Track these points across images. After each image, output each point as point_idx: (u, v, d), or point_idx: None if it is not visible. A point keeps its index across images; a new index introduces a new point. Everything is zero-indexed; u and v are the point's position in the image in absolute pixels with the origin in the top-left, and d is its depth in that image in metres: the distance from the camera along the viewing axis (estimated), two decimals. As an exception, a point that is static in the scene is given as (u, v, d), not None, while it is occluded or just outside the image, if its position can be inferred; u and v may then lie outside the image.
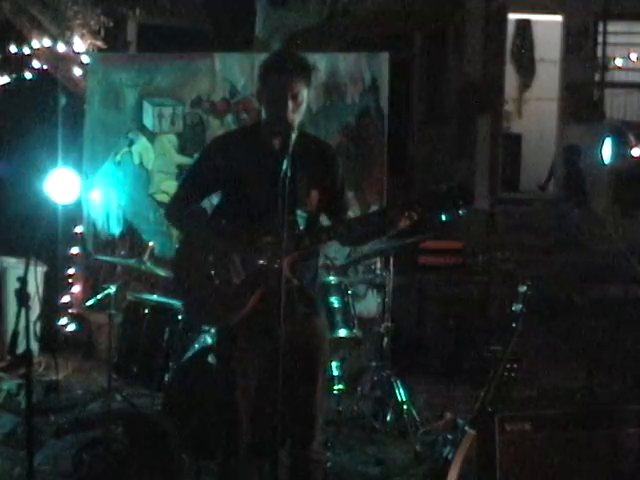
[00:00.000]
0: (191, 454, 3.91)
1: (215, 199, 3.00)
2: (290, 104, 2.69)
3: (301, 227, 2.77)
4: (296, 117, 2.73)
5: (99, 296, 4.81)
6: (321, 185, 2.82)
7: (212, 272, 2.75)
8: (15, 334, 2.55)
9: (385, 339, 4.57)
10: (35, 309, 5.27)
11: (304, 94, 2.74)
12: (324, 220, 2.95)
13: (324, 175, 2.84)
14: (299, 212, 2.76)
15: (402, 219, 2.63)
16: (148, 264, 4.69)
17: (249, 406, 2.84)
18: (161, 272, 4.81)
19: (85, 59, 6.30)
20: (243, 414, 2.83)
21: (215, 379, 2.93)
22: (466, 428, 3.05)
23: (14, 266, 5.79)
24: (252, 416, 2.84)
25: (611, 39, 9.99)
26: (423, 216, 2.62)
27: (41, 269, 5.76)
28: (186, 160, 6.15)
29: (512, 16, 10.18)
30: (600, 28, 9.88)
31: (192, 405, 3.92)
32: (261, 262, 2.70)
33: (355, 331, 4.48)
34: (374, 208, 5.56)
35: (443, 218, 2.60)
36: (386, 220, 2.65)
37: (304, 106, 2.77)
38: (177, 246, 2.99)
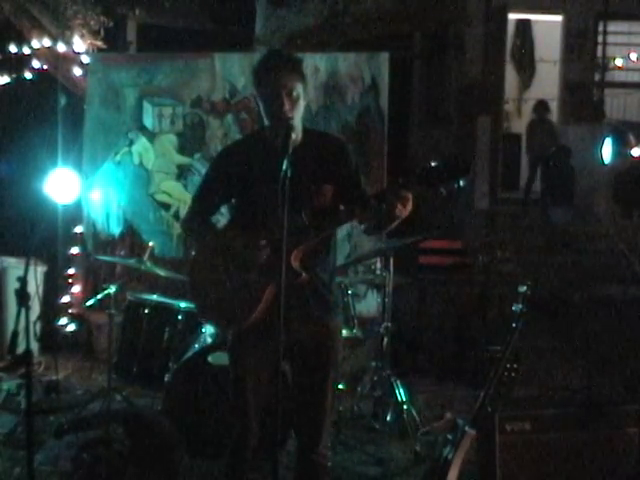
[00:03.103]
0: (191, 454, 3.91)
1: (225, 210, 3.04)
2: (286, 101, 2.70)
3: (307, 222, 2.76)
4: (295, 114, 2.73)
5: (99, 296, 4.82)
6: (335, 178, 2.81)
7: (227, 275, 2.76)
8: (15, 334, 2.55)
9: (385, 339, 4.57)
10: (35, 309, 5.27)
11: (299, 89, 2.74)
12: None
13: (336, 168, 2.84)
14: (305, 208, 2.75)
15: (402, 197, 2.61)
16: (148, 264, 4.70)
17: (259, 406, 2.84)
18: (161, 272, 4.81)
19: (85, 59, 6.30)
20: (253, 414, 2.83)
21: (218, 379, 2.93)
22: (466, 428, 3.05)
23: (14, 266, 5.79)
24: (262, 416, 2.85)
25: (611, 39, 9.99)
26: (423, 192, 2.62)
27: (41, 269, 5.76)
28: (186, 160, 6.16)
29: (512, 16, 10.17)
30: (600, 28, 9.88)
31: (192, 405, 3.92)
32: (268, 260, 2.70)
33: (355, 331, 4.48)
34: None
35: (443, 192, 2.60)
36: (388, 199, 2.63)
37: (302, 102, 2.77)
38: (192, 252, 3.02)
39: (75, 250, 6.23)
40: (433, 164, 2.59)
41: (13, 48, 6.33)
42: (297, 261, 2.68)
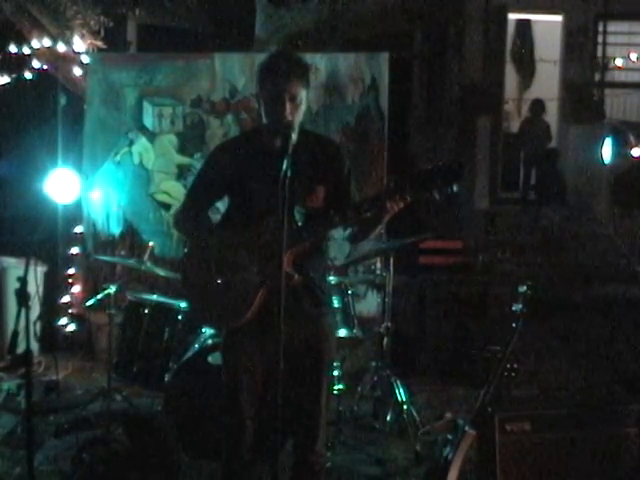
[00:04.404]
0: (191, 454, 3.91)
1: (222, 207, 3.02)
2: (288, 106, 2.69)
3: (300, 223, 2.77)
4: (295, 118, 2.73)
5: (99, 296, 4.81)
6: (326, 181, 2.82)
7: (218, 274, 2.76)
8: (15, 334, 2.55)
9: (385, 339, 4.57)
10: (35, 309, 5.27)
11: (302, 95, 2.74)
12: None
13: (328, 171, 2.84)
14: (298, 208, 2.76)
15: (396, 202, 2.63)
16: (148, 264, 4.70)
17: (254, 406, 2.84)
18: (161, 272, 4.81)
19: (85, 59, 6.30)
20: (247, 414, 2.83)
21: (218, 379, 2.93)
22: (466, 428, 3.05)
23: (14, 266, 5.80)
24: (256, 416, 2.85)
25: (611, 39, 9.99)
26: (416, 197, 2.63)
27: (41, 269, 5.77)
28: (186, 160, 6.16)
29: (512, 16, 10.17)
30: (600, 28, 9.88)
31: (192, 405, 3.92)
32: (263, 261, 2.71)
33: (355, 331, 4.48)
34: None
35: (436, 196, 2.61)
36: (381, 205, 2.64)
37: (304, 107, 2.77)
38: (185, 250, 3.01)
39: (75, 250, 6.23)
40: (426, 169, 2.60)
41: (13, 48, 6.34)
42: (290, 263, 2.67)
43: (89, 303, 5.27)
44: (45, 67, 6.44)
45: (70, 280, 6.24)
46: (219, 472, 2.98)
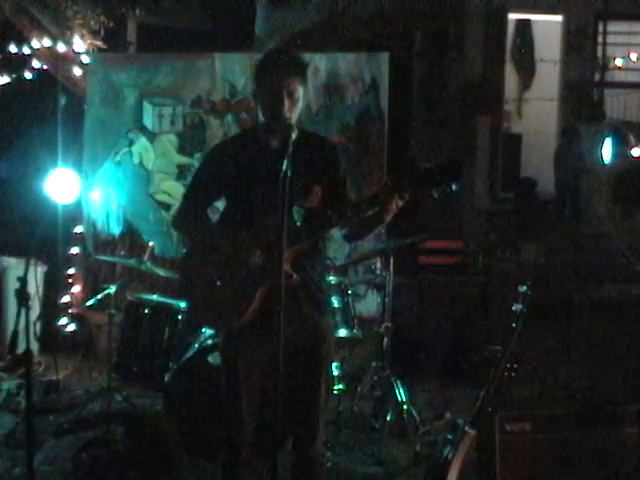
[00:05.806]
0: (191, 454, 3.91)
1: (221, 206, 3.02)
2: (286, 102, 2.69)
3: (298, 223, 2.77)
4: (293, 115, 2.73)
5: (99, 296, 4.81)
6: (323, 181, 2.82)
7: (217, 275, 2.76)
8: (15, 334, 2.54)
9: (385, 339, 4.57)
10: (35, 309, 5.26)
11: (300, 91, 2.74)
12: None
13: (325, 171, 2.84)
14: (296, 208, 2.76)
15: (395, 200, 2.63)
16: (148, 264, 4.70)
17: (253, 406, 2.84)
18: (161, 272, 4.81)
19: (85, 59, 6.30)
20: (247, 414, 2.83)
21: (218, 379, 2.93)
22: (466, 428, 3.05)
23: (14, 266, 5.79)
24: (256, 416, 2.85)
25: (611, 39, 9.99)
26: (415, 195, 2.63)
27: (41, 269, 5.76)
28: (186, 160, 6.16)
29: (512, 16, 10.17)
30: (600, 28, 9.88)
31: (192, 405, 3.92)
32: (261, 260, 2.71)
33: (355, 331, 4.48)
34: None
35: (435, 195, 2.61)
36: (380, 203, 2.64)
37: (301, 103, 2.77)
38: (184, 250, 3.01)
39: (75, 250, 6.23)
40: (425, 167, 2.60)
41: (13, 48, 6.33)
42: (288, 263, 2.67)
43: (89, 303, 5.27)
44: (45, 67, 6.44)
45: (70, 280, 6.24)
46: (219, 472, 2.98)
